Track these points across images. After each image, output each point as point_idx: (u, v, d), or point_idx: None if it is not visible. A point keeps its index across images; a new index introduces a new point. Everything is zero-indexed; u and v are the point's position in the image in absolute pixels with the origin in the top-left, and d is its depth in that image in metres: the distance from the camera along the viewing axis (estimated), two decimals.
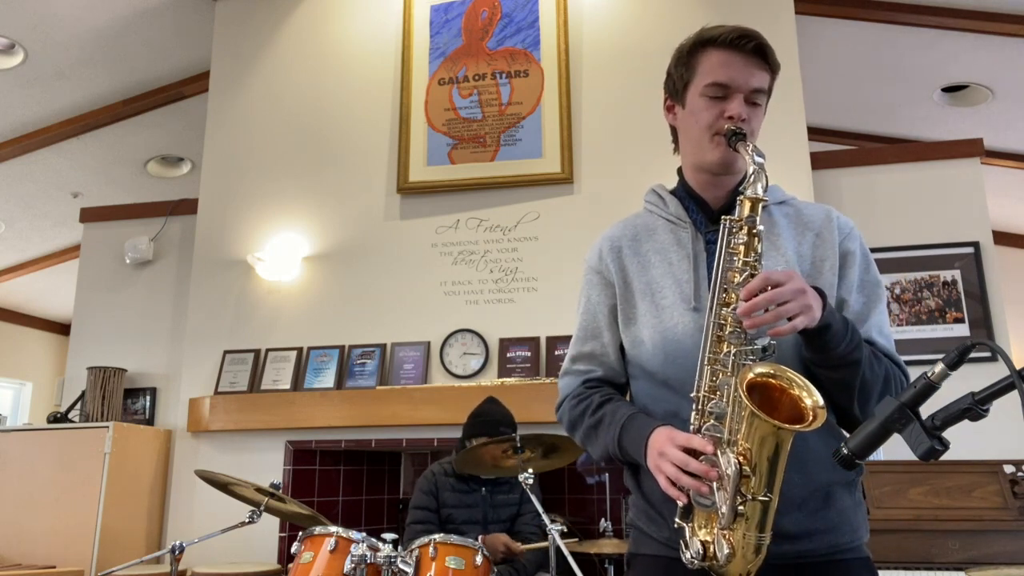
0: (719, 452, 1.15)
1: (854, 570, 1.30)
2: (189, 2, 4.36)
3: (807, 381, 1.14)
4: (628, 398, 1.49)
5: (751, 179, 1.23)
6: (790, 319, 1.14)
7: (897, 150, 3.96)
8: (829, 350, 1.21)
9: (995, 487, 2.69)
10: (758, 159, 1.23)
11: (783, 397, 1.15)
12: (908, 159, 3.80)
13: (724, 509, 1.13)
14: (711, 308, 1.23)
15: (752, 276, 1.19)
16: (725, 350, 1.20)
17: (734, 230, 1.24)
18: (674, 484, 1.19)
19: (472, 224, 3.76)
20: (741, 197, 1.24)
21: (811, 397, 1.12)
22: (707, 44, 1.38)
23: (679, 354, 1.32)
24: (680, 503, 1.21)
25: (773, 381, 1.15)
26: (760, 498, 1.12)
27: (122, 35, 4.48)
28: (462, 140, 3.82)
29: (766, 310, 1.15)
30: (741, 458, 1.12)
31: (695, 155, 1.40)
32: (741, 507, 1.12)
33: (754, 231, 1.22)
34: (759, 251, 1.22)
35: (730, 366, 1.19)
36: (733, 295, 1.21)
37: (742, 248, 1.22)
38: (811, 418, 1.09)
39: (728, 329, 1.20)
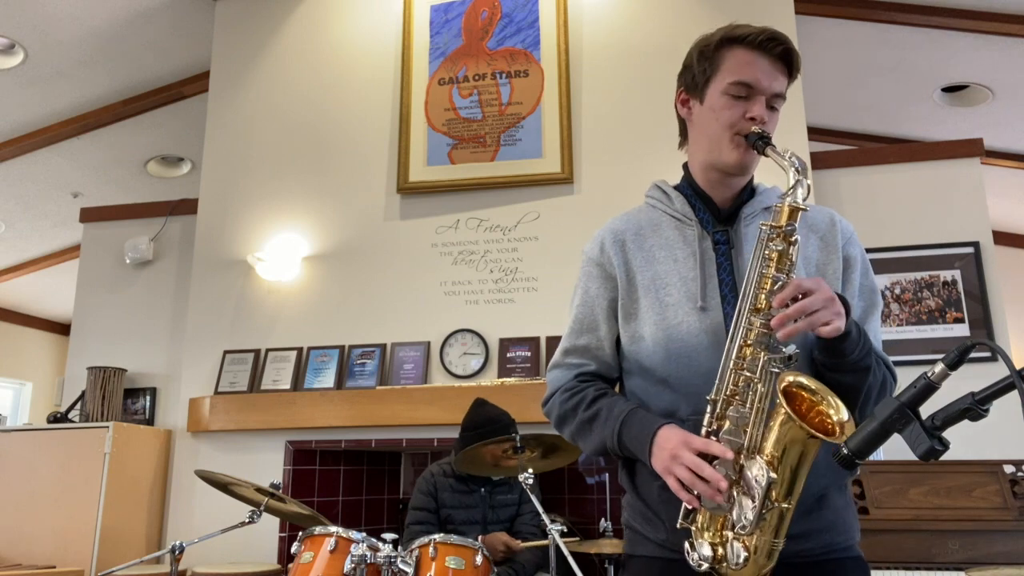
0: (744, 458, 1.15)
1: (848, 569, 1.32)
2: (189, 2, 4.36)
3: (839, 400, 1.14)
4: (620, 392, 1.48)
5: (791, 187, 1.21)
6: (824, 324, 1.14)
7: (897, 150, 3.95)
8: (844, 356, 1.22)
9: (995, 487, 2.69)
10: (798, 164, 1.21)
11: (811, 409, 1.15)
12: (908, 159, 3.80)
13: (749, 516, 1.12)
14: (740, 313, 1.22)
15: (785, 285, 1.19)
16: (751, 355, 1.19)
17: (772, 237, 1.22)
18: (685, 489, 1.18)
19: (472, 224, 3.76)
20: (779, 204, 1.22)
21: (838, 414, 1.12)
22: (735, 42, 1.35)
23: (683, 353, 1.31)
24: (691, 507, 1.20)
25: (804, 393, 1.15)
26: (783, 505, 1.12)
27: (122, 35, 4.48)
28: (462, 140, 3.82)
29: (796, 319, 1.15)
30: (769, 465, 1.11)
31: (710, 153, 1.38)
32: (765, 512, 1.12)
33: (791, 239, 1.20)
34: (794, 260, 1.20)
35: (758, 373, 1.18)
36: (765, 301, 1.19)
37: (777, 255, 1.20)
38: (837, 432, 1.10)
39: (756, 335, 1.19)
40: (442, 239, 3.77)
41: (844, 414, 1.11)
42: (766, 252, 1.21)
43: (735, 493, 1.14)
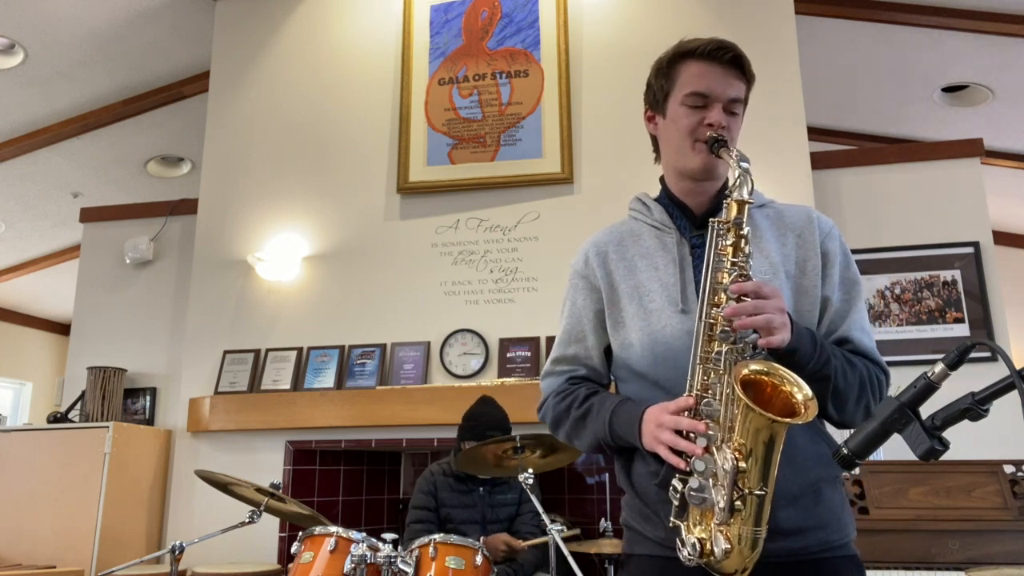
0: (715, 450, 1.17)
1: (845, 568, 1.33)
2: (189, 2, 4.36)
3: (797, 377, 1.17)
4: None
5: (737, 183, 1.27)
6: (770, 333, 1.19)
7: (897, 150, 3.95)
8: (798, 368, 1.24)
9: (995, 487, 2.69)
10: (743, 164, 1.27)
11: (775, 393, 1.17)
12: (908, 159, 3.80)
13: (721, 504, 1.14)
14: (701, 308, 1.26)
15: (741, 276, 1.23)
16: (716, 349, 1.23)
17: (721, 232, 1.27)
18: (675, 454, 1.22)
19: (472, 224, 3.76)
20: (728, 200, 1.28)
21: (801, 392, 1.15)
22: (686, 56, 1.41)
23: (668, 355, 1.35)
24: (677, 498, 1.21)
25: (765, 378, 1.18)
26: (756, 492, 1.14)
27: (122, 35, 4.48)
28: (462, 140, 3.82)
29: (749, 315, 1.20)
30: (736, 453, 1.14)
31: (677, 162, 1.44)
32: (738, 502, 1.14)
33: (741, 232, 1.26)
34: (747, 252, 1.26)
35: (722, 364, 1.22)
36: (722, 295, 1.24)
37: (730, 249, 1.26)
38: (803, 411, 1.12)
39: (718, 328, 1.23)
40: (442, 239, 3.77)
41: (807, 391, 1.14)
42: (718, 248, 1.27)
43: (710, 484, 1.17)
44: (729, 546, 1.15)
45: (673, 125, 1.42)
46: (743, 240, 1.25)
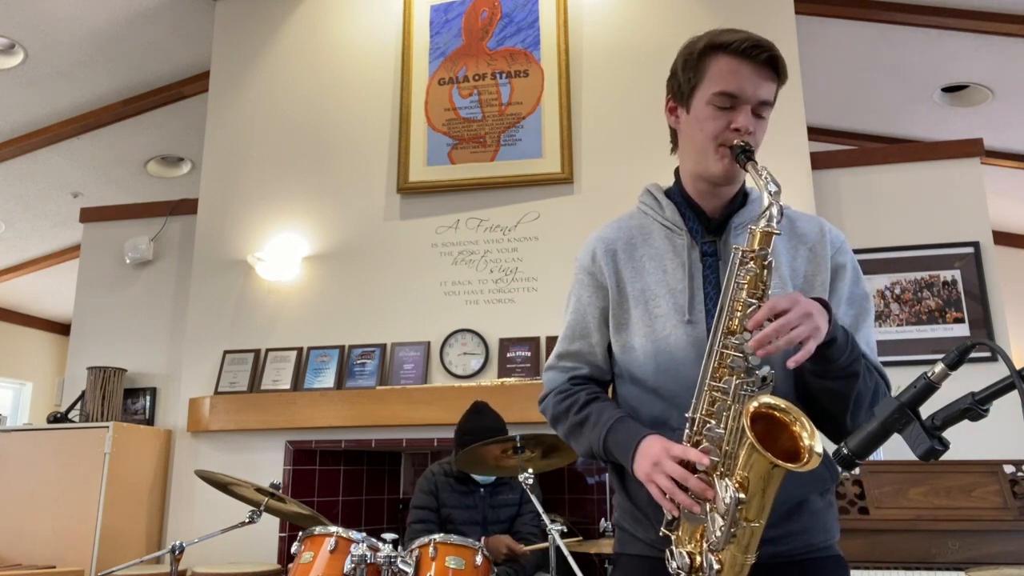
0: (716, 478, 1.17)
1: (829, 568, 1.34)
2: (189, 2, 4.36)
3: (812, 424, 1.14)
4: (612, 396, 1.49)
5: (764, 210, 1.20)
6: (801, 343, 1.13)
7: (897, 150, 3.95)
8: (832, 361, 1.22)
9: (995, 487, 2.69)
10: (771, 187, 1.20)
11: (784, 431, 1.16)
12: (908, 159, 3.80)
13: (719, 534, 1.15)
14: (715, 335, 1.22)
15: (759, 308, 1.18)
16: (726, 377, 1.20)
17: (745, 261, 1.21)
18: (666, 496, 1.20)
19: (472, 224, 3.75)
20: (753, 228, 1.21)
21: (811, 439, 1.13)
22: (718, 49, 1.32)
23: (671, 365, 1.33)
24: (670, 516, 1.22)
25: (777, 414, 1.16)
26: (752, 524, 1.14)
27: (122, 35, 4.48)
28: (462, 140, 3.82)
29: (771, 340, 1.15)
30: (738, 485, 1.13)
31: (697, 163, 1.37)
32: (733, 531, 1.14)
33: (764, 264, 1.20)
34: (767, 283, 1.21)
35: (731, 394, 1.19)
36: (738, 323, 1.20)
37: (751, 279, 1.20)
38: (806, 459, 1.11)
39: (730, 357, 1.20)
40: (442, 239, 3.77)
41: (816, 441, 1.12)
42: (739, 277, 1.22)
43: (708, 509, 1.17)
44: (720, 567, 1.16)
45: (697, 124, 1.34)
46: (765, 271, 1.20)
